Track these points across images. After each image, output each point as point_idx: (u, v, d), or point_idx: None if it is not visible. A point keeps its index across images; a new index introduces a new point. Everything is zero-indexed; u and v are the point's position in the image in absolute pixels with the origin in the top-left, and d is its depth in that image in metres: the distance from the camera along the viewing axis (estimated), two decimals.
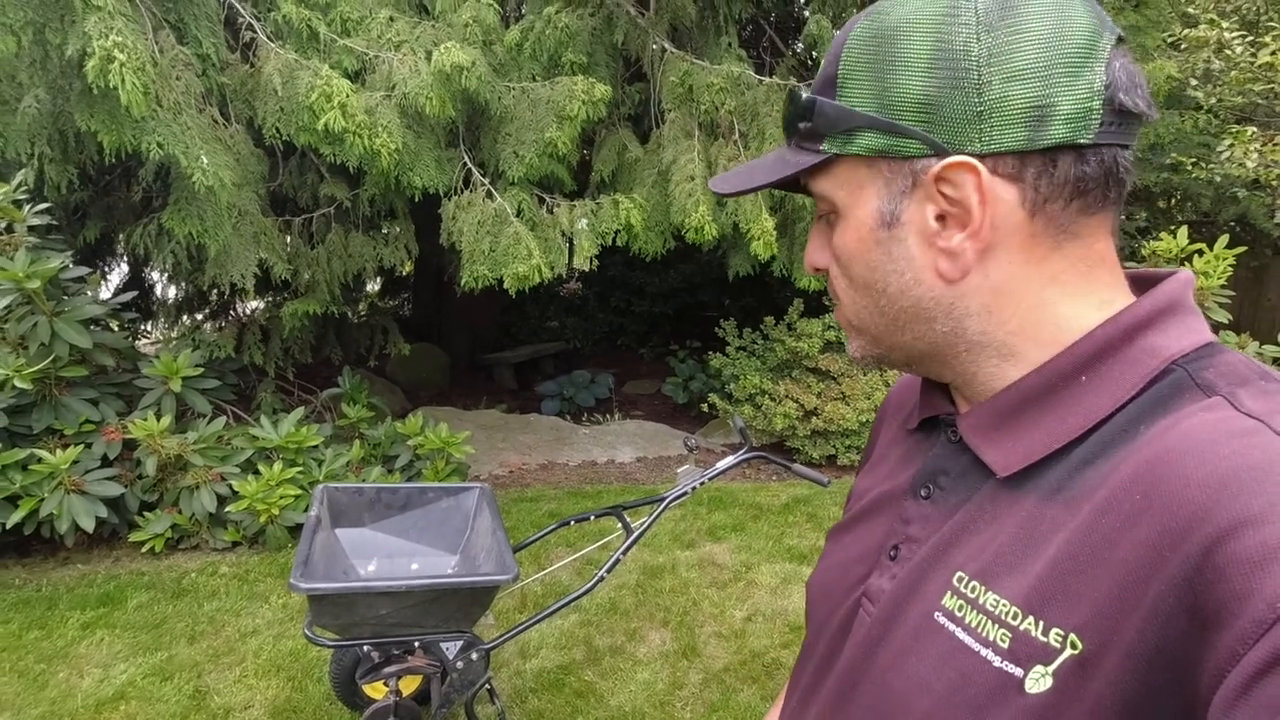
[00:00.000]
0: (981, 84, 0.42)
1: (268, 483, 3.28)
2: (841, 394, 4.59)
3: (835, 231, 0.51)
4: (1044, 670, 0.39)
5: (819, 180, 0.51)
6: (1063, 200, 0.44)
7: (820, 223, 0.54)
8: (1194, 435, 0.38)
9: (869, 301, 0.51)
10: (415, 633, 1.80)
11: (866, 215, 0.48)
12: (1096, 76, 0.42)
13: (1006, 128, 0.43)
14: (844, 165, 0.48)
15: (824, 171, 0.50)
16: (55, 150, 3.21)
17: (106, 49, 2.57)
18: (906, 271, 0.48)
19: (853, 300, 0.52)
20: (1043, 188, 0.43)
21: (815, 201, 0.54)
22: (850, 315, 0.53)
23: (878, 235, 0.48)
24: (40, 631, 2.69)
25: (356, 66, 3.41)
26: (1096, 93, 0.42)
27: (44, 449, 3.04)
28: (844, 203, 0.49)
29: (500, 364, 7.18)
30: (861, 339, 0.54)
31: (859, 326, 0.53)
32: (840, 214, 0.50)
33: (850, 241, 0.50)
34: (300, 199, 3.96)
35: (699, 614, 2.89)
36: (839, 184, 0.49)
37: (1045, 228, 0.44)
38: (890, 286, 0.49)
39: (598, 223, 3.66)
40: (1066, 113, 0.42)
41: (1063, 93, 0.42)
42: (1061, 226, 0.44)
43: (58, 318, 3.08)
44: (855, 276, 0.51)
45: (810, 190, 0.52)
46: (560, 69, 3.70)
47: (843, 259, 0.51)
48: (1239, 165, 4.09)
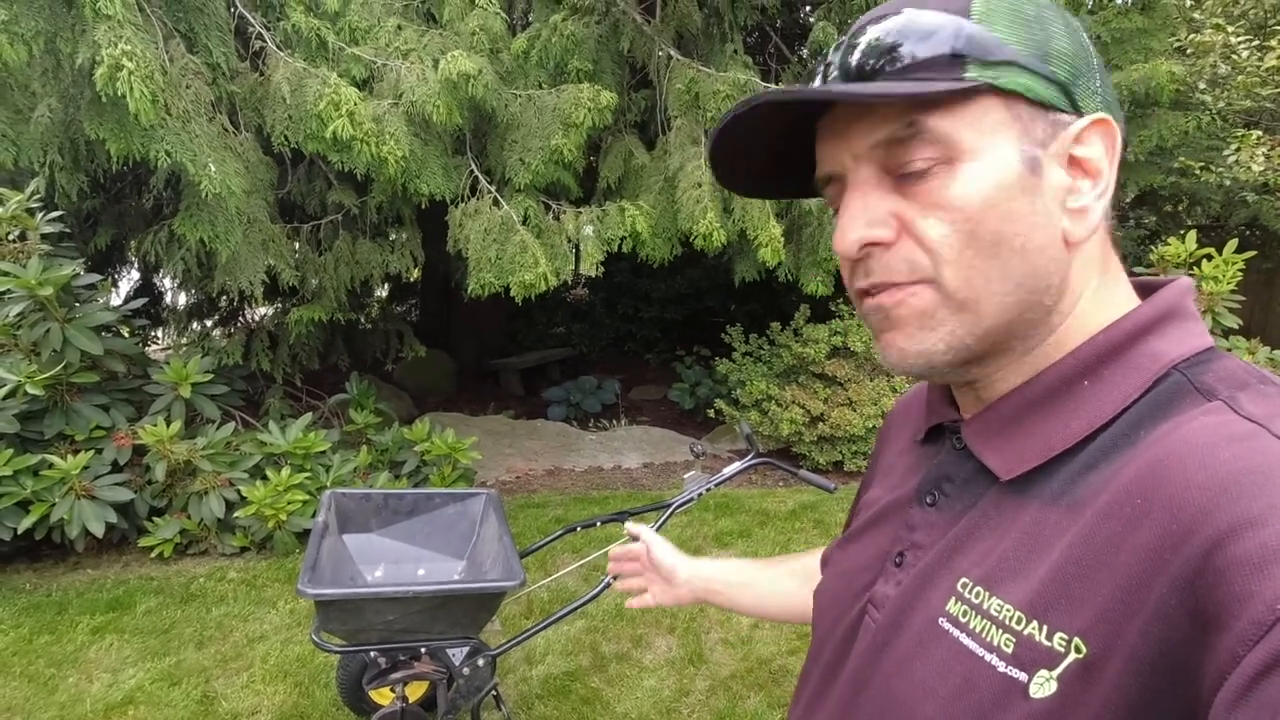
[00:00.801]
0: (1095, 64, 0.45)
1: (275, 488, 3.29)
2: (848, 400, 4.58)
3: (947, 181, 0.43)
4: (1048, 675, 0.39)
5: (943, 117, 0.43)
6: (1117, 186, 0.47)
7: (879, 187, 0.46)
8: (1194, 439, 0.38)
9: (995, 264, 0.43)
10: (422, 639, 1.80)
11: (1009, 158, 0.43)
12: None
13: (1111, 107, 0.46)
14: (983, 102, 0.43)
15: (956, 107, 0.43)
16: (67, 159, 3.25)
17: (115, 57, 2.60)
18: (1047, 227, 0.44)
19: (969, 265, 0.43)
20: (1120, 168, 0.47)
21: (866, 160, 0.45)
22: (958, 285, 0.44)
23: (1024, 181, 0.43)
24: (50, 636, 2.71)
25: (364, 75, 3.44)
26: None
27: (55, 454, 3.07)
28: (974, 144, 0.43)
29: (507, 370, 7.19)
30: (958, 322, 0.45)
31: (967, 300, 0.44)
32: (965, 158, 0.43)
33: (988, 188, 0.43)
34: (308, 206, 3.99)
35: (705, 620, 2.88)
36: (968, 123, 0.43)
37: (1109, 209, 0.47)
38: (1031, 242, 0.43)
39: (604, 229, 3.68)
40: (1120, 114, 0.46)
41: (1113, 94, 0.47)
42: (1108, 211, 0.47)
43: (69, 324, 3.11)
44: (986, 232, 0.43)
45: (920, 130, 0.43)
46: (566, 76, 3.72)
47: (971, 209, 0.43)
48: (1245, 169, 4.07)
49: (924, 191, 0.44)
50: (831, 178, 0.49)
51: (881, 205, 0.45)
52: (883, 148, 0.44)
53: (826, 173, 0.49)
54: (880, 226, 0.45)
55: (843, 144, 0.46)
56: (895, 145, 0.44)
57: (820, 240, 3.98)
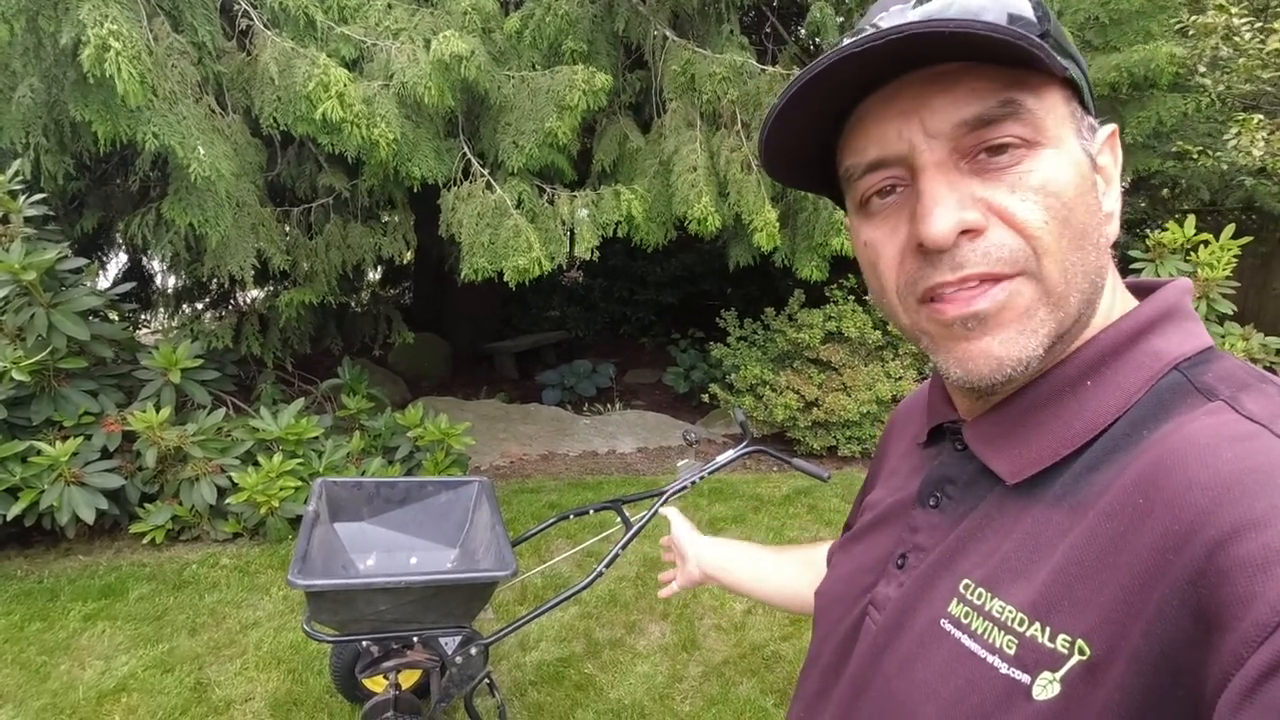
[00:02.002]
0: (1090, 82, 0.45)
1: (268, 474, 3.28)
2: (843, 385, 4.58)
3: (1037, 165, 0.40)
4: (1051, 677, 0.39)
5: (1036, 97, 0.41)
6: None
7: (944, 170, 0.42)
8: (1196, 439, 0.38)
9: (1080, 258, 0.42)
10: (415, 628, 1.80)
11: (1080, 152, 0.42)
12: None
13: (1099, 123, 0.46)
14: (1056, 92, 0.42)
15: (1038, 90, 0.41)
16: (51, 140, 3.19)
17: (102, 37, 2.54)
18: (1104, 224, 0.44)
19: (1064, 256, 0.41)
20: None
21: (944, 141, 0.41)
22: (1059, 277, 0.41)
23: (1092, 178, 0.43)
24: (42, 623, 2.70)
25: (354, 55, 3.37)
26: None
27: (43, 441, 3.05)
28: (1055, 132, 0.41)
29: (501, 353, 7.17)
30: (1053, 319, 0.42)
31: (1065, 293, 0.41)
32: (1048, 145, 0.41)
33: (1073, 178, 0.41)
34: (298, 189, 3.93)
35: (699, 607, 2.90)
36: (1049, 109, 0.42)
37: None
38: (1102, 237, 0.43)
39: (599, 213, 3.64)
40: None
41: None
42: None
43: (55, 309, 3.07)
44: (1076, 222, 0.41)
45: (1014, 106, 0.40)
46: (560, 57, 3.66)
47: (1066, 197, 0.41)
48: (1245, 153, 4.04)
49: (1011, 174, 0.41)
50: (883, 162, 0.44)
51: (961, 188, 0.41)
52: (968, 126, 0.41)
53: (881, 156, 0.44)
54: (973, 209, 0.41)
55: (912, 119, 0.42)
56: (984, 125, 0.40)
57: (815, 225, 3.94)
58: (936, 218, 0.41)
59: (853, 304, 4.69)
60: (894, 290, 0.46)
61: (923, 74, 0.42)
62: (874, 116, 0.44)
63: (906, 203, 0.44)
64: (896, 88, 0.43)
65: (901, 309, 0.46)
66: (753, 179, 3.70)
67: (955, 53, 0.39)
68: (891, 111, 0.43)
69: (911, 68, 0.42)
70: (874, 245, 0.46)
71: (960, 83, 0.41)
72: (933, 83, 0.41)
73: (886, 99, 0.43)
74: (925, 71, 0.41)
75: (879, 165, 0.44)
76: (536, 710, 2.27)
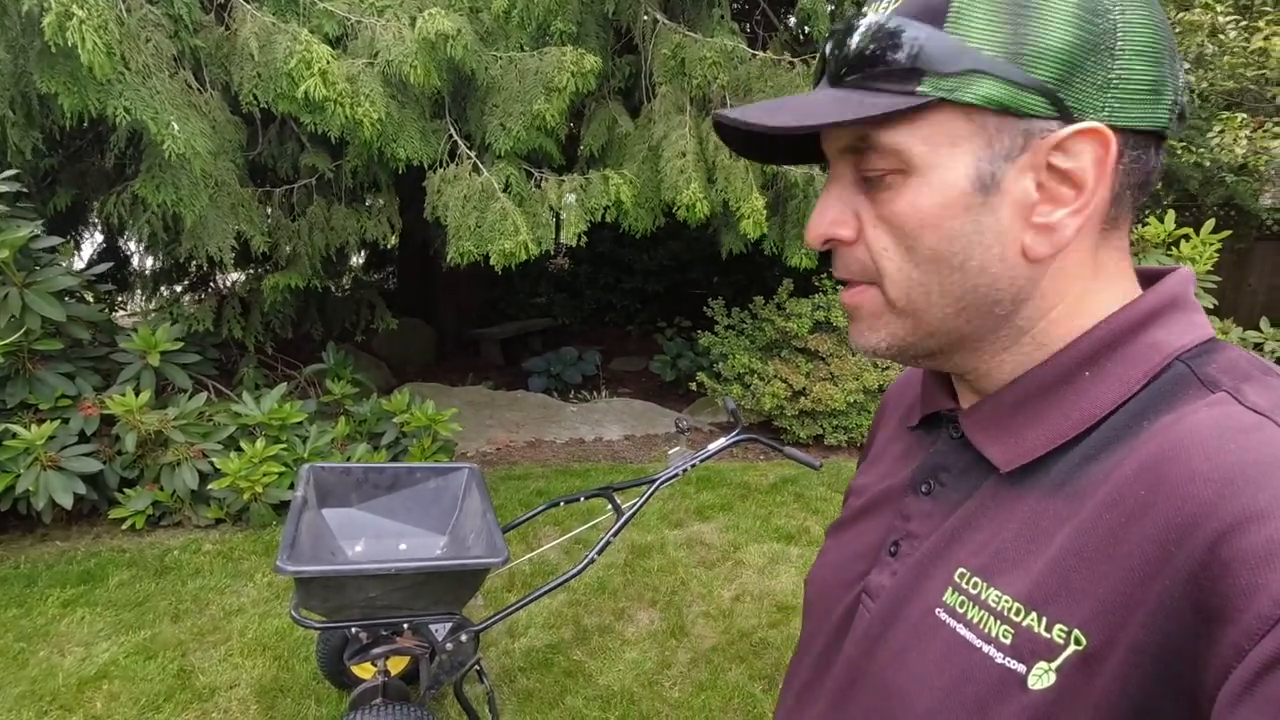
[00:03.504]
0: (1117, 51, 0.40)
1: (250, 460, 3.23)
2: (830, 374, 4.60)
3: (897, 194, 0.43)
4: (1047, 667, 0.38)
5: (895, 131, 0.42)
6: (1135, 189, 0.44)
7: (848, 185, 0.46)
8: (1199, 430, 0.37)
9: (933, 279, 0.44)
10: (404, 615, 1.79)
11: (957, 177, 0.42)
12: (1182, 71, 0.42)
13: (1128, 103, 0.41)
14: (940, 115, 0.41)
15: (908, 120, 0.42)
16: (19, 114, 3.08)
17: (64, 4, 2.45)
18: (994, 246, 0.43)
19: (908, 277, 0.45)
20: (1133, 173, 0.43)
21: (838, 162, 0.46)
22: (898, 295, 0.45)
23: (969, 201, 0.42)
24: (19, 609, 2.65)
25: (337, 32, 3.30)
26: (1183, 87, 0.42)
27: (18, 424, 2.97)
28: (924, 160, 0.42)
29: (487, 340, 7.12)
30: (899, 324, 0.47)
31: (907, 308, 0.46)
32: (914, 173, 0.42)
33: (928, 206, 0.42)
34: (280, 169, 3.85)
35: (687, 593, 2.91)
36: (924, 137, 0.42)
37: (1113, 214, 0.44)
38: (971, 261, 0.43)
39: (587, 199, 3.60)
40: (1169, 100, 0.42)
41: (1170, 79, 0.42)
42: (1119, 216, 0.44)
43: (29, 289, 2.99)
44: (925, 249, 0.43)
45: (871, 143, 0.43)
46: (549, 39, 3.60)
47: (909, 227, 0.43)
48: (1228, 151, 4.10)
49: (879, 200, 0.45)
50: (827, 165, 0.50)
51: (849, 204, 0.46)
52: (848, 153, 0.46)
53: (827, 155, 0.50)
54: (842, 226, 0.47)
55: (828, 139, 0.47)
56: (854, 153, 0.45)
57: (805, 213, 3.95)
58: (810, 224, 0.48)
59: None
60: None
61: None
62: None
63: None
64: None
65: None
66: (741, 165, 3.68)
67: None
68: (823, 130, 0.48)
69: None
70: None
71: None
72: None
73: None
74: None
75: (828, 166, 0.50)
76: (526, 697, 2.27)
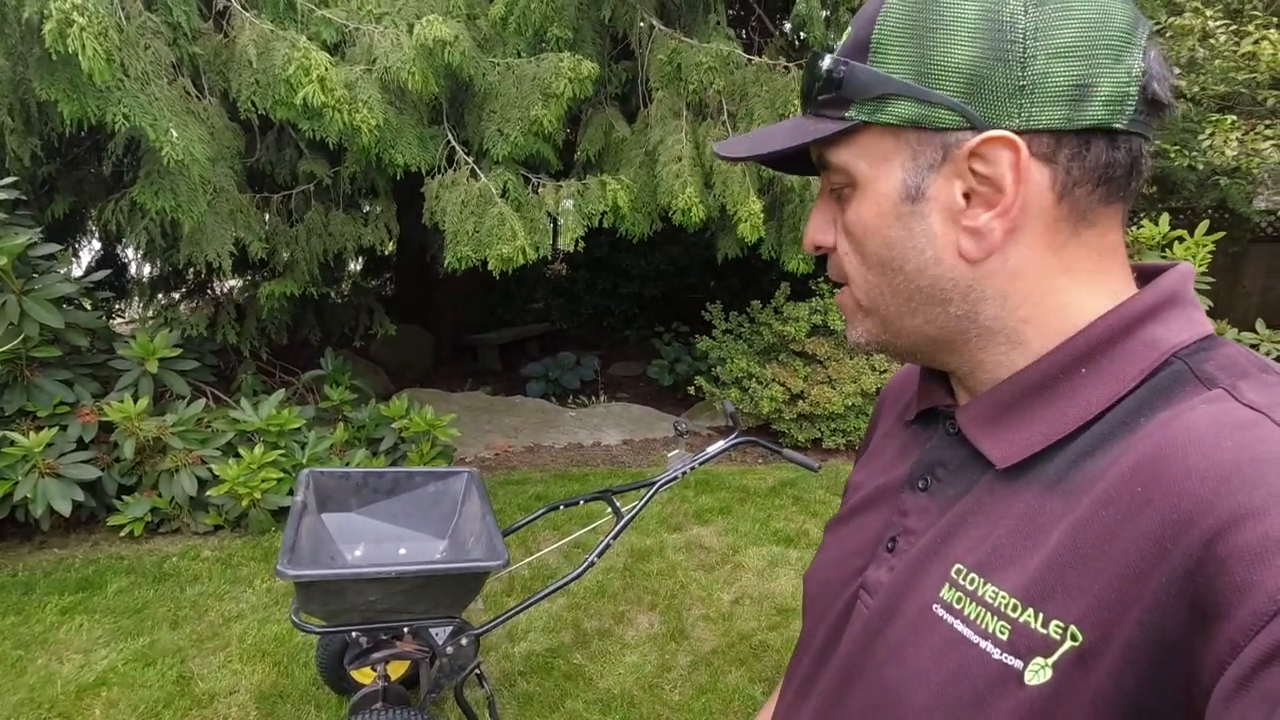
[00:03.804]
0: (1026, 58, 0.41)
1: (249, 466, 3.23)
2: (828, 378, 4.61)
3: (850, 206, 0.49)
4: (1044, 662, 0.39)
5: (838, 150, 0.48)
6: (1089, 185, 0.43)
7: (827, 198, 0.52)
8: (1196, 427, 0.38)
9: (883, 281, 0.49)
10: (404, 618, 1.79)
11: (889, 189, 0.46)
12: (1135, 62, 0.42)
13: (1046, 105, 0.42)
14: (869, 135, 0.46)
15: (845, 141, 0.48)
16: (18, 121, 3.09)
17: (65, 11, 2.46)
18: (927, 249, 0.46)
19: (864, 279, 0.50)
20: (1074, 171, 0.43)
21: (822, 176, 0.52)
22: (860, 295, 0.51)
23: (899, 210, 0.46)
24: (17, 617, 2.64)
25: (335, 39, 3.31)
26: (1135, 78, 0.42)
27: (16, 431, 2.97)
28: (864, 175, 0.47)
29: (485, 345, 7.12)
30: (869, 322, 0.52)
31: (869, 308, 0.51)
32: (858, 187, 0.48)
33: (869, 216, 0.48)
34: (278, 176, 3.86)
35: (687, 597, 2.91)
36: (860, 154, 0.47)
37: (1069, 213, 0.44)
38: (908, 264, 0.47)
39: (584, 204, 3.62)
40: (1105, 95, 0.42)
41: (1104, 74, 0.41)
42: (1083, 213, 0.44)
43: (27, 296, 2.99)
44: (870, 254, 0.49)
45: (825, 161, 0.50)
46: (546, 45, 3.62)
47: (858, 234, 0.49)
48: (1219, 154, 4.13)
49: (843, 210, 0.50)
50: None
51: (829, 214, 0.52)
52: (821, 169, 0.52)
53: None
54: (823, 233, 0.53)
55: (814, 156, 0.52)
56: (824, 169, 0.51)
57: (801, 217, 3.96)
58: (805, 232, 0.54)
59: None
60: None
61: None
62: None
63: None
64: None
65: None
66: (738, 170, 3.70)
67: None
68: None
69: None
70: None
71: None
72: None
73: None
74: None
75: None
76: (526, 700, 2.27)
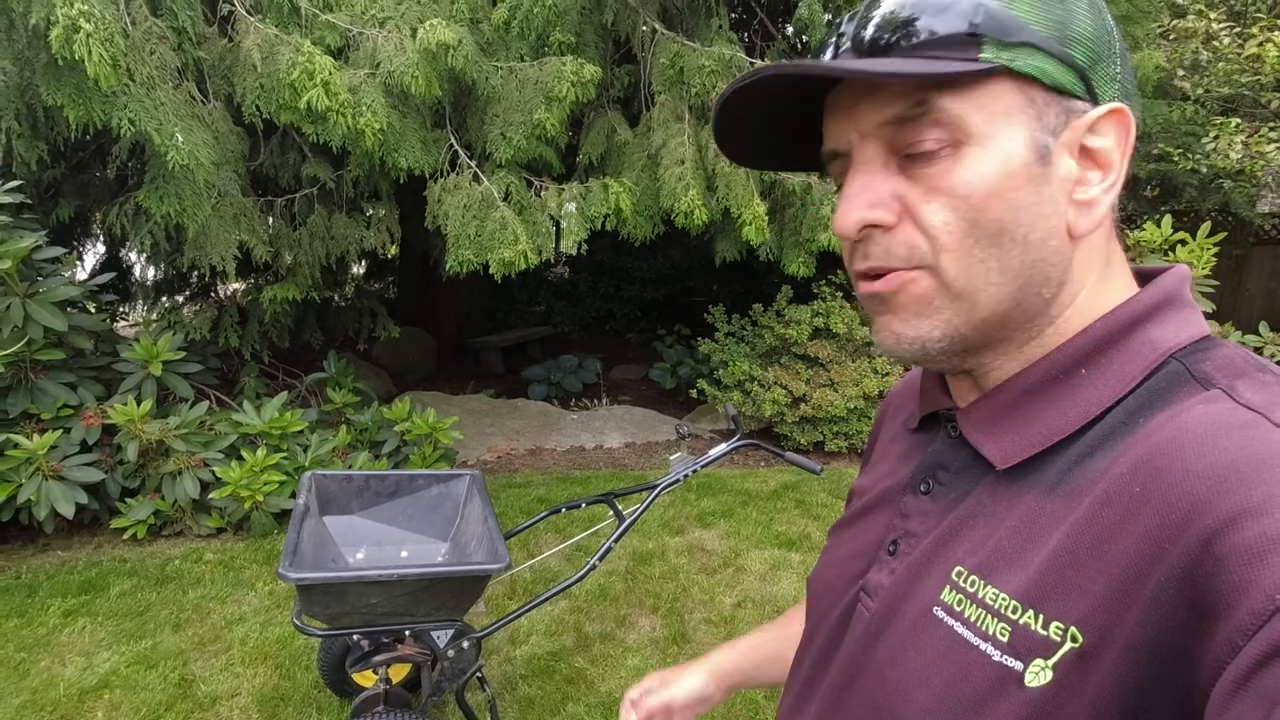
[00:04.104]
0: (1116, 47, 0.44)
1: (251, 469, 3.23)
2: (830, 381, 4.61)
3: (954, 165, 0.42)
4: (1044, 664, 0.39)
5: (955, 99, 0.41)
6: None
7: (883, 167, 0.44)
8: (1193, 427, 0.38)
9: (995, 255, 0.43)
10: (406, 621, 1.79)
11: (1018, 147, 0.42)
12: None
13: (1127, 96, 0.44)
14: (996, 85, 0.41)
15: (967, 88, 0.41)
16: (24, 125, 3.11)
17: (71, 18, 2.48)
18: (1052, 218, 0.43)
19: (967, 254, 0.43)
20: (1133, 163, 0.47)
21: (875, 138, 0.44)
22: (955, 276, 0.43)
23: (1031, 171, 0.42)
24: (20, 619, 2.65)
25: (339, 43, 3.32)
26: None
27: (20, 434, 2.98)
28: (981, 130, 0.41)
29: (487, 348, 7.13)
30: (952, 311, 0.44)
31: (963, 291, 0.44)
32: (971, 144, 0.42)
33: (992, 176, 0.41)
34: (282, 179, 3.87)
35: (688, 600, 2.91)
36: (979, 106, 0.41)
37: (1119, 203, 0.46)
38: (1033, 234, 0.42)
39: (587, 207, 3.62)
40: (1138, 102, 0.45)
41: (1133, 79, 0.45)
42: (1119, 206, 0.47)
43: (31, 299, 3.00)
44: (989, 221, 0.42)
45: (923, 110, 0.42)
46: (548, 49, 3.63)
47: (976, 197, 0.42)
48: (1223, 156, 4.12)
49: (929, 175, 0.43)
50: (837, 154, 0.48)
51: (884, 186, 0.44)
52: (890, 126, 0.43)
53: (832, 148, 0.48)
54: (881, 208, 0.44)
55: (849, 120, 0.45)
56: (903, 124, 0.43)
57: (803, 220, 3.96)
58: (844, 213, 0.45)
59: (840, 300, 4.72)
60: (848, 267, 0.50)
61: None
62: (830, 112, 0.48)
63: None
64: (843, 88, 0.46)
65: (855, 284, 0.50)
66: (741, 173, 3.71)
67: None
68: (839, 108, 0.46)
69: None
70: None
71: (884, 86, 0.43)
72: (864, 86, 0.44)
73: (835, 97, 0.47)
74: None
75: (834, 156, 0.48)
76: (527, 704, 2.27)
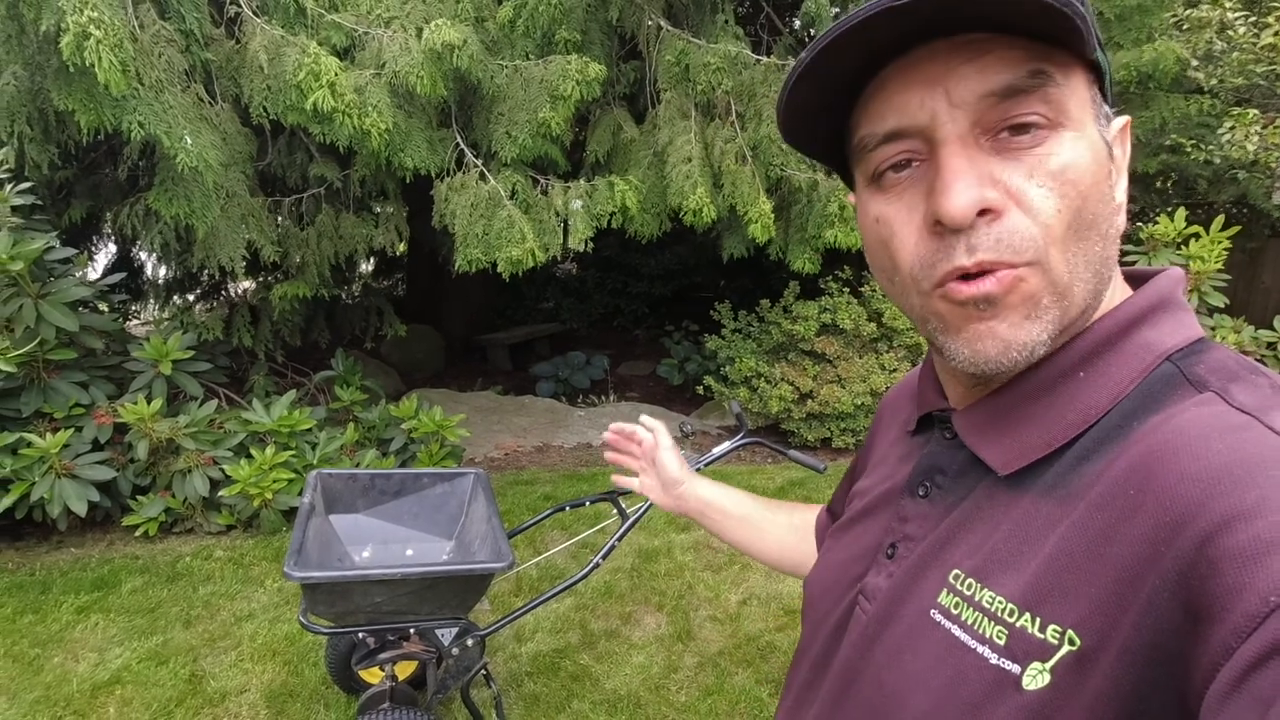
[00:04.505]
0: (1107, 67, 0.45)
1: (260, 466, 3.26)
2: (837, 377, 4.59)
3: (1056, 147, 0.39)
4: (1041, 667, 0.39)
5: (1061, 73, 0.39)
6: None
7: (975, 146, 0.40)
8: (1187, 430, 0.38)
9: (1085, 249, 0.40)
10: (411, 620, 1.80)
11: (1099, 138, 0.41)
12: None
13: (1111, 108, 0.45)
14: (1079, 76, 0.41)
15: (1065, 68, 0.40)
16: (36, 129, 3.14)
17: (81, 25, 2.50)
18: (1116, 214, 0.42)
19: (1069, 247, 0.40)
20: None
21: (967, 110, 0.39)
22: (1061, 271, 0.40)
23: (1108, 167, 0.41)
24: (34, 616, 2.69)
25: (345, 43, 3.34)
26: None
27: (33, 433, 3.02)
28: (1076, 115, 0.40)
29: (495, 345, 7.15)
30: (1057, 310, 0.41)
31: (1068, 287, 0.40)
32: (1066, 127, 0.39)
33: (1092, 165, 0.40)
34: (289, 179, 3.90)
35: (694, 597, 2.91)
36: (1072, 92, 0.40)
37: None
38: (1111, 229, 0.41)
39: (593, 204, 3.62)
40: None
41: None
42: None
43: (43, 299, 3.04)
44: (1087, 211, 0.40)
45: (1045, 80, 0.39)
46: (554, 47, 3.63)
47: (1083, 185, 0.39)
48: (1239, 148, 4.05)
49: (1031, 156, 0.39)
50: (901, 132, 0.42)
51: (986, 166, 0.40)
52: (995, 97, 0.39)
53: (899, 126, 0.41)
54: (993, 189, 0.39)
55: (934, 90, 0.40)
56: (1011, 97, 0.39)
57: (809, 217, 3.94)
58: (957, 193, 0.39)
59: (847, 296, 4.70)
60: (907, 269, 0.43)
61: (950, 42, 0.39)
62: (896, 84, 0.41)
63: (923, 178, 0.42)
64: (922, 54, 0.40)
65: (914, 289, 0.44)
66: (747, 170, 3.69)
67: (993, 21, 0.38)
68: (915, 79, 0.40)
69: (939, 35, 0.39)
70: (886, 221, 0.44)
71: (990, 51, 0.39)
72: (960, 50, 0.39)
73: (911, 65, 0.41)
74: (952, 40, 0.39)
75: (896, 136, 0.42)
76: (533, 701, 2.28)
